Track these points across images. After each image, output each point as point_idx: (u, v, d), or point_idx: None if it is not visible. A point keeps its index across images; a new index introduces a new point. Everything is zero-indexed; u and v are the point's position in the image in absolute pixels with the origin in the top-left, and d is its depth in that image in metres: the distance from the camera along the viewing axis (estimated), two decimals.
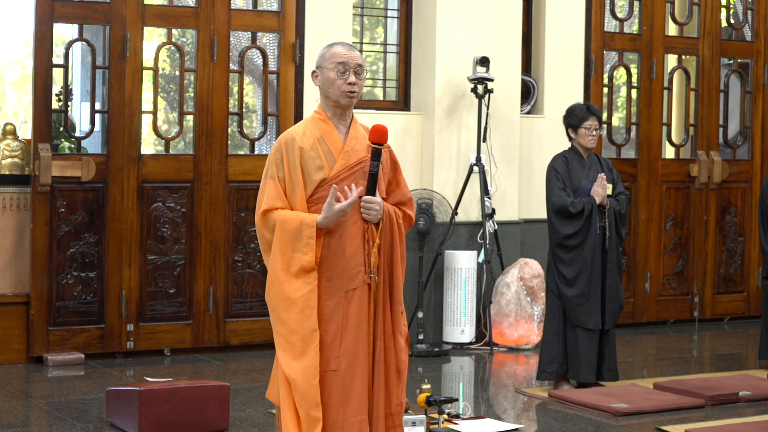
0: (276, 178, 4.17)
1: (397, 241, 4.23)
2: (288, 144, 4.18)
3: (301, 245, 4.10)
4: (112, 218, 7.71)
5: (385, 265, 4.20)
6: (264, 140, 8.28)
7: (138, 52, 7.76)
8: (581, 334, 6.82)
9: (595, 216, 6.79)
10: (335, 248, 4.15)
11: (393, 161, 4.33)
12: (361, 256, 4.16)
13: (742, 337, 9.41)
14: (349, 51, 4.22)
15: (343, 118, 4.25)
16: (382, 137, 4.16)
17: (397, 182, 4.34)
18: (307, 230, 4.09)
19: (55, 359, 7.49)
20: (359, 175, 4.18)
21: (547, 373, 6.92)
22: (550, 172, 6.88)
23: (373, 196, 4.16)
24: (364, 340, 4.15)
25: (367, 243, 4.17)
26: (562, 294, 6.84)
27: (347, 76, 4.18)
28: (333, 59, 4.19)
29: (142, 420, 5.60)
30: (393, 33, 9.03)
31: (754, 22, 10.09)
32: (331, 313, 4.14)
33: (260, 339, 8.15)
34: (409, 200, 4.35)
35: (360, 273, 4.15)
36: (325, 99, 4.24)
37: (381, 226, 4.18)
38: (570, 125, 6.92)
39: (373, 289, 4.17)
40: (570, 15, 9.22)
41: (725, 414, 6.49)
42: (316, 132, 4.21)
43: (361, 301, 4.15)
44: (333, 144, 4.20)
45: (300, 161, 4.16)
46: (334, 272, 4.15)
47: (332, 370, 4.13)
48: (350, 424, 4.13)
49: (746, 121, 10.10)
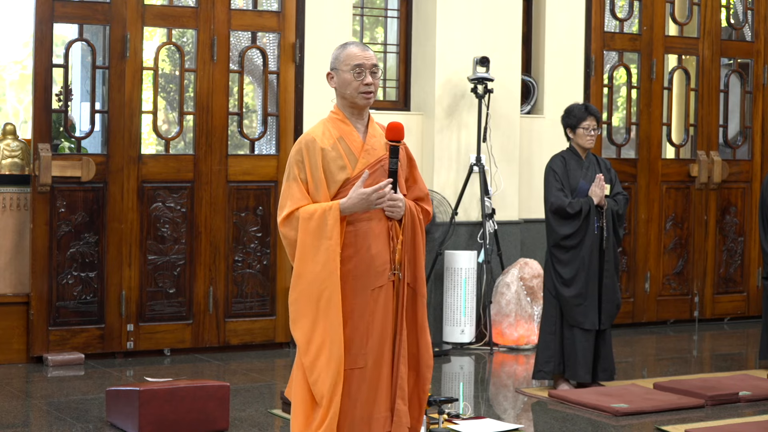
0: (298, 179, 4.21)
1: (419, 237, 4.28)
2: (309, 145, 4.22)
3: (326, 231, 4.12)
4: (112, 218, 7.71)
5: (408, 261, 4.24)
6: (264, 140, 8.28)
7: (138, 52, 7.76)
8: (578, 334, 6.83)
9: (592, 216, 6.80)
10: (361, 247, 4.19)
11: (409, 158, 4.38)
12: (387, 253, 4.20)
13: (742, 337, 9.41)
14: (364, 51, 4.25)
15: (360, 118, 4.29)
16: (398, 134, 4.20)
17: (414, 178, 4.39)
18: (331, 214, 4.12)
19: (55, 359, 7.49)
20: (380, 173, 4.22)
21: (544, 373, 6.93)
22: (548, 172, 6.89)
23: (395, 193, 4.20)
24: (389, 337, 4.20)
25: (392, 240, 4.22)
26: (559, 294, 6.84)
27: (363, 77, 4.22)
28: (348, 61, 4.23)
29: (142, 420, 5.60)
30: (393, 33, 9.03)
31: (754, 22, 10.09)
32: (360, 312, 4.17)
33: (260, 339, 8.15)
34: (426, 196, 4.40)
35: (385, 270, 4.20)
36: (342, 99, 4.29)
37: (403, 222, 4.23)
38: (568, 125, 6.92)
39: (397, 285, 4.22)
40: (570, 15, 9.22)
41: (725, 414, 6.49)
42: (335, 132, 4.25)
43: (386, 298, 4.20)
44: (353, 143, 4.24)
45: (322, 162, 4.20)
46: (360, 271, 4.18)
47: (359, 367, 4.16)
48: (376, 420, 4.17)
49: (746, 121, 10.10)
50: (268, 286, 8.16)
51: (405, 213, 4.23)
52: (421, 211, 4.33)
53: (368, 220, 4.19)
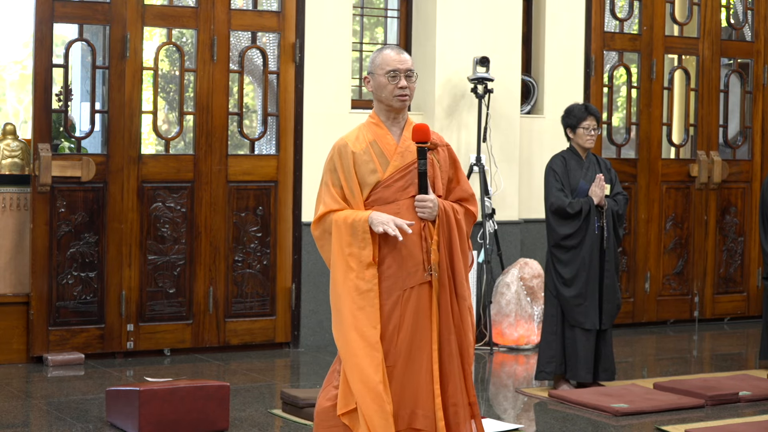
0: (330, 183, 4.29)
1: (456, 237, 4.30)
2: (341, 150, 4.30)
3: (357, 240, 4.20)
4: (112, 218, 7.71)
5: (445, 262, 4.26)
6: (264, 140, 8.28)
7: (138, 52, 7.76)
8: (579, 334, 6.83)
9: (593, 216, 6.80)
10: (392, 248, 4.23)
11: (452, 159, 4.43)
12: (419, 254, 4.24)
13: (742, 337, 9.41)
14: (399, 55, 4.33)
15: (396, 121, 4.36)
16: (424, 135, 4.26)
17: (458, 180, 4.43)
18: (360, 225, 4.20)
19: (55, 359, 7.49)
20: (414, 176, 4.28)
21: (545, 373, 6.93)
22: (548, 172, 6.89)
23: (426, 194, 4.23)
24: (426, 337, 4.23)
25: (425, 241, 4.25)
26: (560, 294, 6.85)
27: (398, 81, 4.29)
28: (384, 66, 4.31)
29: (142, 420, 5.60)
30: (393, 33, 9.03)
31: (754, 22, 10.09)
32: (390, 312, 4.22)
33: (260, 339, 8.15)
34: (471, 196, 4.43)
35: (418, 271, 4.24)
36: (378, 103, 4.36)
37: (438, 222, 4.26)
38: (568, 125, 6.92)
39: (434, 286, 4.24)
40: (570, 15, 9.22)
41: (725, 414, 6.49)
42: (369, 136, 4.32)
43: (420, 298, 4.24)
44: (386, 146, 4.30)
45: (354, 166, 4.27)
46: (392, 271, 4.24)
47: (388, 366, 4.21)
48: (400, 417, 4.21)
49: (746, 121, 10.10)
50: (268, 286, 8.16)
51: (439, 214, 4.26)
52: (464, 212, 4.37)
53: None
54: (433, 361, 4.23)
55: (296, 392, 6.20)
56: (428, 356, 4.23)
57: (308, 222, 8.14)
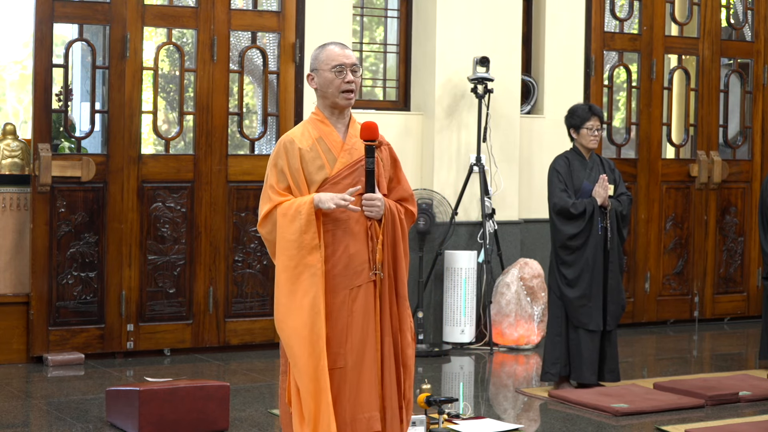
0: (276, 181, 4.21)
1: (399, 237, 4.27)
2: (287, 146, 4.22)
3: (300, 224, 4.13)
4: (112, 218, 7.71)
5: (388, 261, 4.23)
6: (264, 140, 8.28)
7: (138, 52, 7.76)
8: (583, 336, 6.82)
9: (596, 217, 6.79)
10: (339, 246, 4.18)
11: (393, 158, 4.36)
12: (365, 253, 4.19)
13: (742, 337, 9.41)
14: (343, 50, 4.27)
15: (341, 117, 4.29)
16: (372, 133, 4.18)
17: (398, 179, 4.37)
18: (304, 208, 4.13)
19: (55, 359, 7.49)
20: (361, 173, 4.22)
21: (550, 375, 6.91)
22: (552, 172, 6.87)
23: (373, 193, 4.18)
24: (372, 337, 4.18)
25: (371, 240, 4.20)
26: (563, 295, 6.83)
27: (344, 75, 4.23)
28: (329, 61, 4.25)
29: (142, 420, 5.60)
30: (393, 33, 9.03)
31: (754, 22, 10.09)
32: (338, 311, 4.17)
33: (260, 339, 8.15)
34: (410, 196, 4.38)
35: (364, 270, 4.18)
36: (323, 100, 4.29)
37: (383, 222, 4.22)
38: (572, 125, 6.91)
39: (378, 285, 4.20)
40: (570, 15, 9.22)
41: (725, 414, 6.49)
42: (314, 133, 4.25)
43: (366, 298, 4.19)
44: (332, 143, 4.24)
45: (301, 162, 4.19)
46: (339, 269, 4.18)
47: (339, 367, 4.15)
48: (359, 421, 4.15)
49: (746, 121, 10.10)
50: (268, 286, 8.16)
51: (385, 213, 4.21)
52: (404, 211, 4.32)
53: (346, 220, 4.19)
54: (377, 360, 4.18)
55: None
56: (374, 356, 4.18)
57: None
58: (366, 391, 4.16)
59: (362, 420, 4.16)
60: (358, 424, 4.15)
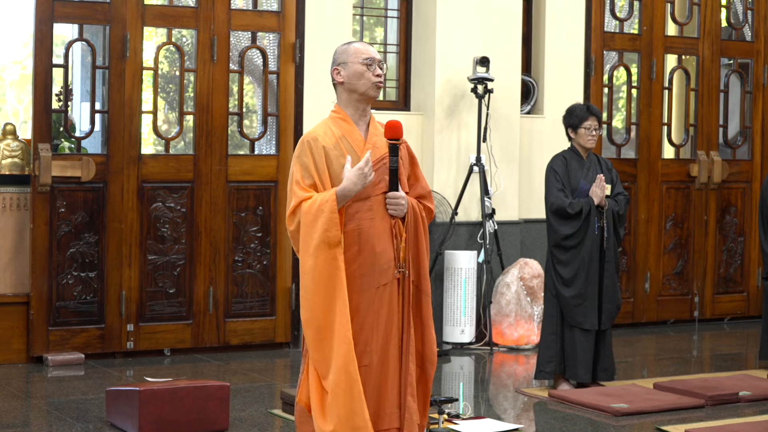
0: (301, 177, 4.24)
1: (422, 234, 4.33)
2: (311, 144, 4.26)
3: (323, 221, 4.14)
4: (112, 218, 7.71)
5: (412, 259, 4.29)
6: (264, 140, 8.28)
7: (138, 52, 7.76)
8: (578, 334, 6.83)
9: (593, 217, 6.80)
10: (365, 245, 4.22)
11: (411, 156, 4.44)
12: (390, 251, 4.25)
13: (742, 337, 9.41)
14: (370, 47, 4.37)
15: (363, 115, 4.35)
16: (397, 132, 4.27)
17: (416, 177, 4.44)
18: (327, 205, 4.15)
19: (55, 359, 7.49)
20: (383, 171, 4.27)
21: (545, 373, 6.94)
22: (549, 172, 6.89)
23: (397, 191, 4.24)
24: (395, 334, 4.24)
25: (395, 238, 4.26)
26: (559, 294, 6.84)
27: (374, 68, 4.30)
28: (359, 54, 4.31)
29: (142, 420, 5.60)
30: (393, 33, 9.03)
31: (754, 22, 10.09)
32: (365, 310, 4.21)
33: (260, 339, 8.15)
34: (428, 193, 4.45)
35: (390, 268, 4.24)
36: (350, 94, 4.32)
37: (407, 220, 4.28)
38: (570, 125, 6.92)
39: (402, 282, 4.26)
40: (570, 15, 9.22)
41: (725, 414, 6.49)
42: (337, 131, 4.30)
43: (391, 295, 4.24)
44: (355, 141, 4.29)
45: (325, 159, 4.24)
46: (365, 269, 4.22)
47: (364, 365, 4.19)
48: (381, 417, 4.21)
49: (746, 121, 10.10)
50: (268, 286, 8.16)
51: (408, 211, 4.27)
52: (423, 208, 4.38)
53: (371, 219, 4.23)
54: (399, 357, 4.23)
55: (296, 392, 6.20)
56: (397, 354, 4.24)
57: None
58: (389, 388, 4.22)
59: (386, 416, 4.22)
60: (380, 420, 4.21)
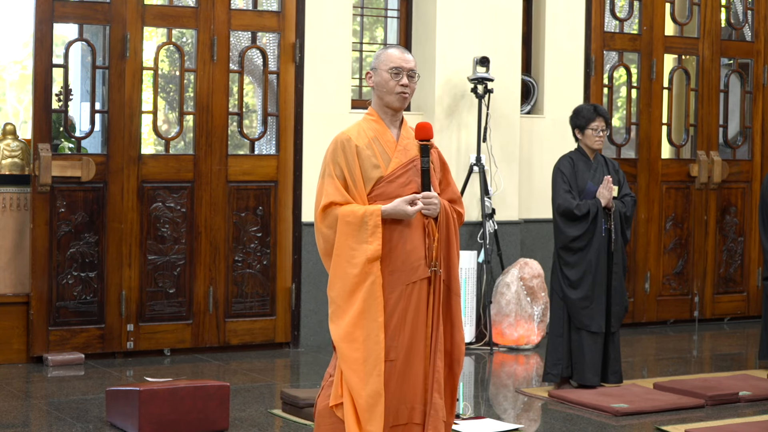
0: (334, 175, 4.33)
1: (453, 235, 4.41)
2: (345, 143, 4.35)
3: (365, 235, 4.26)
4: (112, 218, 7.71)
5: (443, 258, 4.36)
6: (264, 140, 8.28)
7: (138, 52, 7.76)
8: (585, 337, 6.80)
9: (600, 218, 6.77)
10: (396, 243, 4.31)
11: (442, 161, 4.53)
12: (422, 249, 4.33)
13: (742, 337, 9.41)
14: (403, 54, 4.42)
15: (395, 119, 4.44)
16: (427, 133, 4.37)
17: (447, 181, 4.54)
18: (371, 219, 4.26)
19: (55, 359, 7.49)
20: (413, 173, 4.36)
21: (552, 375, 6.90)
22: (556, 173, 6.86)
23: (429, 192, 4.32)
24: (422, 332, 4.32)
25: (428, 237, 4.34)
26: (566, 296, 6.82)
27: (401, 78, 4.37)
28: (388, 62, 4.39)
29: (142, 420, 5.61)
30: (393, 33, 9.03)
31: (754, 22, 10.09)
32: (394, 306, 4.29)
33: (260, 339, 8.15)
34: (459, 198, 4.56)
35: (421, 266, 4.32)
36: (378, 99, 4.43)
37: (439, 219, 4.36)
38: (577, 126, 6.90)
39: (432, 281, 4.33)
40: (570, 15, 9.22)
41: (725, 414, 6.49)
42: (369, 132, 4.39)
43: (420, 293, 4.32)
44: (386, 143, 4.38)
45: (358, 159, 4.33)
46: (396, 266, 4.30)
47: (390, 360, 4.27)
48: (401, 411, 4.28)
49: (746, 121, 10.10)
50: (268, 286, 8.16)
51: (440, 211, 4.36)
52: (455, 212, 4.47)
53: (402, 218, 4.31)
54: (426, 355, 4.31)
55: (296, 392, 6.21)
56: (424, 351, 4.31)
57: (308, 222, 8.14)
58: (411, 384, 4.29)
59: (404, 411, 4.29)
60: (400, 414, 4.29)
